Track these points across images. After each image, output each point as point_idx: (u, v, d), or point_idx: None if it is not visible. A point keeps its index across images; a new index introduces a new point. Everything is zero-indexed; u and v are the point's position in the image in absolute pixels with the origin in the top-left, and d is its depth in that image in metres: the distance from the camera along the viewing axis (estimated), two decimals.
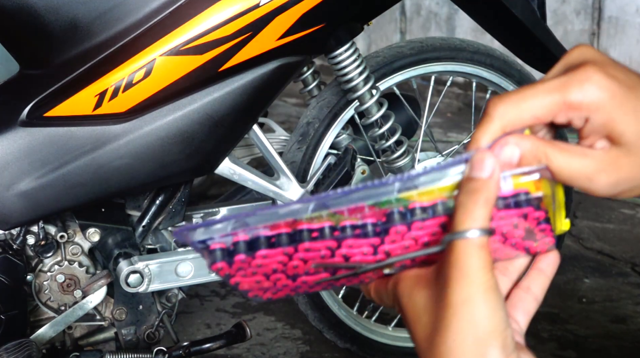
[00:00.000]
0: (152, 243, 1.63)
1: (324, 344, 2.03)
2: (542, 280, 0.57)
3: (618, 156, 0.51)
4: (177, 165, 1.49)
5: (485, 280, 0.48)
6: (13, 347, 1.43)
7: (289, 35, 1.46)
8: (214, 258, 0.50)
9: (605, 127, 0.51)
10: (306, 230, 0.50)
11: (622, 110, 0.50)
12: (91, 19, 1.43)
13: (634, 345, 2.04)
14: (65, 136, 1.43)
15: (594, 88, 0.50)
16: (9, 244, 1.49)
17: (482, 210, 0.50)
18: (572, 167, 0.51)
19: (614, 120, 0.51)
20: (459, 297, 0.48)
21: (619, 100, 0.50)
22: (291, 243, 0.50)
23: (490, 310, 0.48)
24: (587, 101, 0.50)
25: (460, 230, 0.49)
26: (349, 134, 1.88)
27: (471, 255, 0.49)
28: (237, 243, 0.50)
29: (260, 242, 0.50)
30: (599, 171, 0.51)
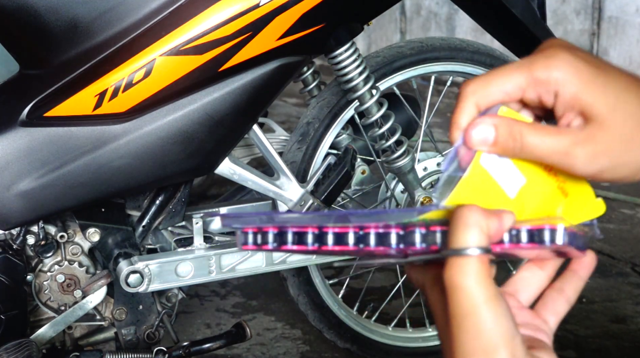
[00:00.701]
0: (152, 243, 1.63)
1: (324, 344, 2.03)
2: (575, 283, 0.58)
3: (592, 130, 0.51)
4: (177, 165, 1.49)
5: (484, 291, 0.48)
6: (13, 347, 1.43)
7: (289, 35, 1.46)
8: (245, 240, 0.54)
9: (575, 101, 0.52)
10: (332, 232, 0.52)
11: (589, 84, 0.51)
12: (91, 19, 1.43)
13: (634, 345, 2.04)
14: (65, 136, 1.43)
15: (560, 63, 0.51)
16: (9, 244, 1.49)
17: (476, 230, 0.49)
18: (546, 144, 0.51)
19: (582, 93, 0.51)
20: (461, 310, 0.49)
21: (585, 75, 0.51)
22: (315, 243, 0.52)
23: (493, 321, 0.48)
24: (553, 75, 0.51)
25: (456, 247, 0.49)
26: (349, 134, 1.88)
27: (467, 273, 0.49)
28: (266, 233, 0.53)
29: (287, 235, 0.52)
30: (574, 145, 0.51)
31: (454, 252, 0.49)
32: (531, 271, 0.59)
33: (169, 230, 1.64)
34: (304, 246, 0.52)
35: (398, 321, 1.96)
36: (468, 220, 0.50)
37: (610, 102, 0.51)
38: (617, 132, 0.51)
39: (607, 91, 0.51)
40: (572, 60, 0.52)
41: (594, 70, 0.52)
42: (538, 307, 0.58)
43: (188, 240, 1.63)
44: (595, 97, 0.51)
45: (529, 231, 0.52)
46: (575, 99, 0.52)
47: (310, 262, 1.73)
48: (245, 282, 2.38)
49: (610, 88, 0.52)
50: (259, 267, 1.64)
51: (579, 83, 0.51)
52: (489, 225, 0.50)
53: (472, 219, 0.50)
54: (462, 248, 0.49)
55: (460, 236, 0.49)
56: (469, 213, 0.50)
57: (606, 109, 0.51)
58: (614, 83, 0.52)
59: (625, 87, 0.52)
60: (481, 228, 0.49)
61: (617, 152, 0.51)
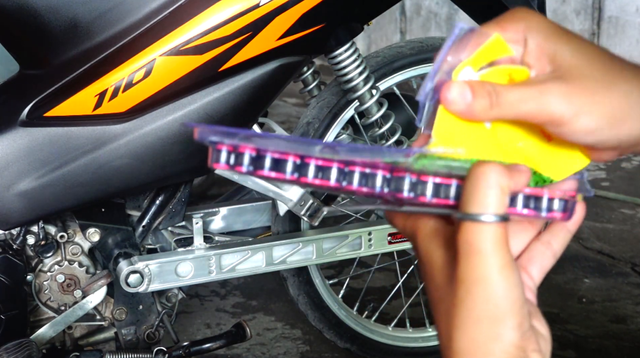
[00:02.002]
0: (152, 243, 1.63)
1: (324, 344, 2.03)
2: (563, 235, 0.56)
3: (561, 72, 0.51)
4: (177, 165, 1.49)
5: (500, 259, 0.47)
6: (13, 347, 1.43)
7: (289, 35, 1.46)
8: (217, 157, 0.50)
9: (541, 50, 0.52)
10: (314, 164, 0.48)
11: (552, 35, 0.52)
12: (91, 19, 1.43)
13: (634, 345, 2.04)
14: (65, 136, 1.43)
15: (525, 16, 0.53)
16: (9, 244, 1.49)
17: (493, 192, 0.47)
18: (521, 92, 0.51)
19: (547, 41, 0.52)
20: (472, 275, 0.47)
21: (547, 27, 0.53)
22: (294, 172, 0.48)
23: (505, 290, 0.47)
24: (520, 26, 0.53)
25: (472, 212, 0.47)
26: (349, 134, 1.88)
27: (485, 239, 0.47)
28: (242, 154, 0.48)
29: (265, 160, 0.48)
30: (546, 85, 0.51)
31: (471, 217, 0.47)
32: (521, 224, 0.57)
33: (169, 230, 1.64)
34: (281, 174, 0.48)
35: (398, 321, 1.96)
36: (489, 180, 0.47)
37: (574, 48, 0.52)
38: (585, 73, 0.51)
39: (570, 40, 0.52)
40: (535, 15, 0.53)
41: (554, 25, 0.53)
42: (523, 260, 0.56)
43: (188, 240, 1.63)
44: (560, 44, 0.52)
45: (526, 197, 0.50)
46: (541, 47, 0.52)
47: (311, 262, 1.73)
48: (245, 282, 2.38)
49: (572, 38, 0.53)
50: (259, 267, 1.64)
51: (543, 33, 0.52)
52: (510, 184, 0.48)
53: (493, 180, 0.47)
54: (481, 213, 0.47)
55: (481, 199, 0.47)
56: (491, 172, 0.47)
57: (570, 54, 0.52)
58: (574, 37, 0.53)
59: (585, 42, 0.53)
60: (503, 191, 0.47)
61: (591, 90, 0.51)
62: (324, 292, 1.87)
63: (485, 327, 0.47)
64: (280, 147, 0.48)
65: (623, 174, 3.37)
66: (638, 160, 3.51)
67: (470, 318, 0.47)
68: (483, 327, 0.47)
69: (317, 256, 1.70)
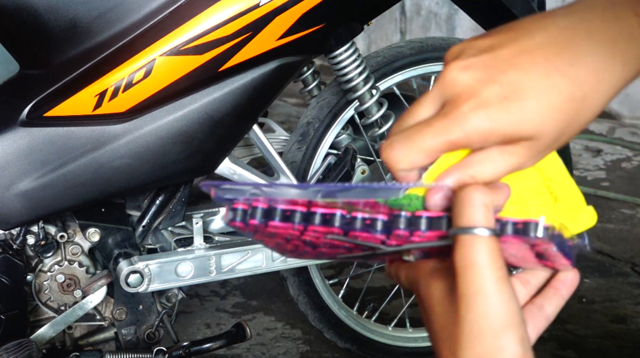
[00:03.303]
0: (152, 243, 1.63)
1: (324, 344, 2.03)
2: (556, 300, 0.58)
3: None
4: (177, 165, 1.49)
5: (495, 272, 0.48)
6: (13, 347, 1.43)
7: (289, 35, 1.46)
8: (234, 216, 0.53)
9: (495, 136, 0.51)
10: (320, 213, 0.51)
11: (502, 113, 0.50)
12: (91, 19, 1.43)
13: (634, 345, 2.04)
14: (65, 136, 1.43)
15: (474, 125, 0.50)
16: (9, 244, 1.49)
17: (481, 211, 0.50)
18: (496, 161, 0.51)
19: (495, 126, 0.50)
20: (471, 289, 0.48)
21: (503, 109, 0.50)
22: (302, 221, 0.51)
23: (503, 302, 0.48)
24: (471, 137, 0.51)
25: (465, 226, 0.49)
26: (349, 134, 1.88)
27: (480, 250, 0.49)
28: (255, 208, 0.52)
29: (276, 212, 0.52)
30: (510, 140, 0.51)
31: (464, 231, 0.49)
32: (514, 286, 0.57)
33: (169, 230, 1.64)
34: (290, 223, 0.51)
35: (398, 321, 1.96)
36: (474, 199, 0.50)
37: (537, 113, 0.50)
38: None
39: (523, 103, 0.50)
40: (484, 117, 0.50)
41: (501, 93, 0.50)
42: None
43: (188, 240, 1.63)
44: (516, 121, 0.50)
45: (514, 224, 0.51)
46: (505, 137, 0.51)
47: (311, 262, 1.73)
48: (245, 282, 2.38)
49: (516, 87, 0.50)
50: (259, 267, 1.64)
51: (489, 119, 0.50)
52: (494, 200, 0.51)
53: (477, 198, 0.50)
54: (472, 226, 0.49)
55: (468, 215, 0.50)
56: (475, 192, 0.50)
57: (535, 121, 0.50)
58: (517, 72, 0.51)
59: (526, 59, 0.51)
60: (487, 207, 0.50)
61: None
62: (324, 292, 1.87)
63: (488, 340, 0.48)
64: (287, 196, 0.51)
65: (623, 173, 3.37)
66: (638, 160, 3.51)
67: (473, 333, 0.48)
68: (486, 341, 0.48)
69: None
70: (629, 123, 3.94)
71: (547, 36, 0.51)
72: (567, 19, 0.52)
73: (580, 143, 3.68)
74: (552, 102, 0.50)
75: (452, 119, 0.51)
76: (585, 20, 0.51)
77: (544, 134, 0.50)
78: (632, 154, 3.59)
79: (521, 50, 0.51)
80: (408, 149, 0.52)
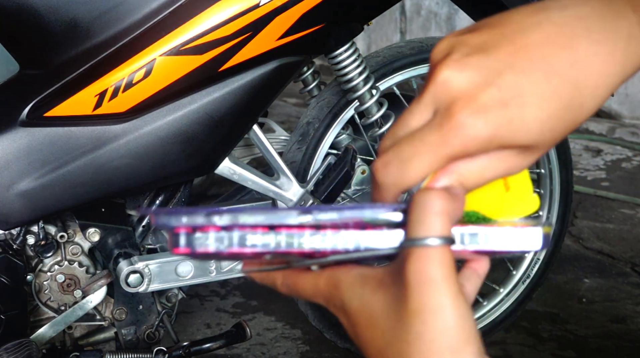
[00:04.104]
0: (152, 243, 1.63)
1: (324, 344, 2.03)
2: (475, 280, 0.54)
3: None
4: (177, 165, 1.49)
5: (451, 286, 0.45)
6: (13, 347, 1.43)
7: (289, 35, 1.46)
8: (176, 242, 0.47)
9: (503, 142, 0.48)
10: (285, 233, 0.47)
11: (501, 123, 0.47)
12: (91, 19, 1.43)
13: (634, 345, 2.04)
14: (65, 136, 1.43)
15: (472, 134, 0.47)
16: (9, 244, 1.49)
17: (438, 217, 0.46)
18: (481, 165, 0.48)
19: (500, 134, 0.47)
20: (427, 306, 0.45)
21: (503, 116, 0.47)
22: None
23: (462, 318, 0.45)
24: (469, 147, 0.47)
25: (417, 236, 0.45)
26: (349, 134, 1.88)
27: (434, 264, 0.45)
28: (206, 234, 0.47)
29: (232, 237, 0.47)
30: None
31: (419, 242, 0.45)
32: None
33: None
34: (245, 248, 0.47)
35: None
36: (433, 206, 0.46)
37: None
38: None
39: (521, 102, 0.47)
40: (481, 122, 0.47)
41: (500, 96, 0.47)
42: None
43: None
44: (516, 130, 0.47)
45: (501, 233, 0.48)
46: (505, 146, 0.48)
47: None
48: (245, 282, 2.38)
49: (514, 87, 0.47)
50: None
51: (489, 128, 0.47)
52: (454, 208, 0.47)
53: (437, 205, 0.46)
54: (427, 237, 0.45)
55: (428, 223, 0.45)
56: (435, 197, 0.46)
57: (535, 131, 0.47)
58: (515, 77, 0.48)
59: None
60: (448, 215, 0.46)
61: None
62: None
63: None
64: (249, 221, 0.46)
65: (623, 173, 3.37)
66: (638, 160, 3.51)
67: (431, 351, 0.45)
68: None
69: None
70: (629, 123, 3.94)
71: (542, 34, 0.48)
72: (561, 14, 0.49)
73: (580, 143, 3.68)
74: (553, 110, 0.47)
75: (448, 131, 0.47)
76: (582, 17, 0.48)
77: (542, 143, 0.48)
78: (632, 154, 3.59)
79: (517, 50, 0.48)
80: (404, 171, 0.48)
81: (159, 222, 0.46)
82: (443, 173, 0.49)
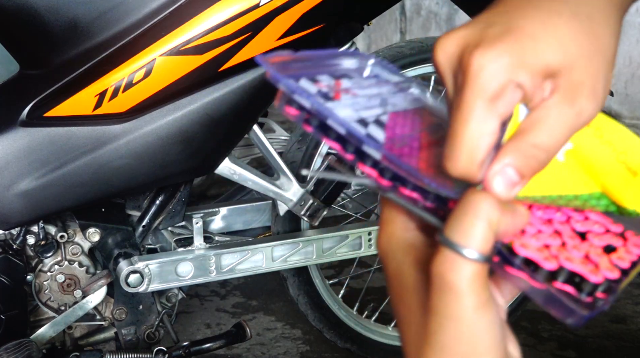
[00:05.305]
0: (152, 243, 1.63)
1: (324, 344, 2.03)
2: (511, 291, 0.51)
3: (566, 77, 0.45)
4: (177, 165, 1.49)
5: (475, 298, 0.42)
6: (13, 347, 1.43)
7: (289, 35, 1.46)
8: (289, 102, 0.46)
9: (529, 81, 0.45)
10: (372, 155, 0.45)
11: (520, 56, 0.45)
12: (91, 19, 1.43)
13: (633, 345, 2.04)
14: (65, 136, 1.43)
15: (489, 70, 0.44)
16: (9, 244, 1.49)
17: (481, 227, 0.42)
18: (558, 128, 0.45)
19: (520, 71, 0.45)
20: (445, 312, 0.43)
21: (511, 41, 0.44)
22: (355, 153, 0.45)
23: (481, 330, 0.43)
24: (494, 87, 0.44)
25: (455, 241, 0.42)
26: None
27: (461, 277, 0.42)
28: (312, 117, 0.46)
29: (331, 132, 0.46)
30: (571, 103, 0.45)
31: (452, 246, 0.42)
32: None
33: (169, 230, 1.64)
34: (342, 149, 0.45)
35: None
36: (478, 210, 0.42)
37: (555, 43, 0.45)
38: (579, 49, 0.45)
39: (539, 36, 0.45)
40: (501, 63, 0.44)
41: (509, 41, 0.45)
42: (494, 277, 0.50)
43: (188, 240, 1.63)
44: (531, 49, 0.45)
45: (571, 273, 0.45)
46: (532, 70, 0.45)
47: (311, 262, 1.73)
48: (245, 282, 2.38)
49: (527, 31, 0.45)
50: (259, 267, 1.64)
51: (509, 67, 0.44)
52: (501, 221, 0.43)
53: (482, 210, 0.42)
54: (462, 244, 0.42)
55: (465, 227, 0.42)
56: (481, 201, 0.43)
57: (555, 51, 0.45)
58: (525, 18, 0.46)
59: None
60: (490, 224, 0.42)
61: (601, 60, 0.46)
62: (324, 292, 1.87)
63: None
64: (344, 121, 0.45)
65: None
66: None
67: (444, 353, 0.44)
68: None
69: (317, 256, 1.70)
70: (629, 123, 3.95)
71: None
72: None
73: None
74: (558, 23, 0.45)
75: (471, 81, 0.44)
76: None
77: (571, 55, 0.45)
78: None
79: (508, 9, 0.47)
80: (463, 144, 0.44)
81: (274, 76, 0.46)
82: (511, 142, 0.45)
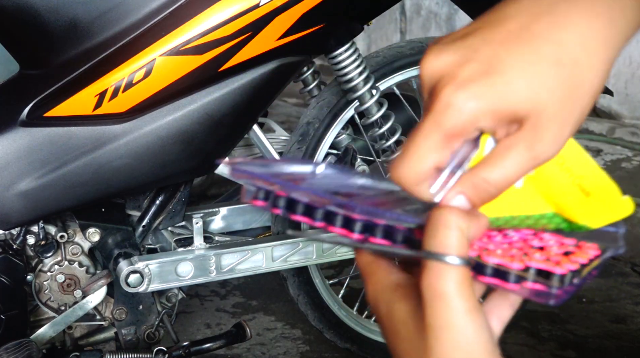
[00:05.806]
0: (152, 243, 1.63)
1: (324, 344, 2.03)
2: (506, 310, 0.55)
3: (532, 120, 0.47)
4: (177, 165, 1.49)
5: (464, 303, 0.46)
6: (13, 347, 1.43)
7: (289, 35, 1.46)
8: (256, 195, 0.51)
9: (499, 117, 0.48)
10: (340, 215, 0.49)
11: (495, 95, 0.47)
12: (91, 19, 1.43)
13: (633, 345, 2.04)
14: (65, 136, 1.43)
15: (459, 108, 0.47)
16: (9, 244, 1.49)
17: (452, 233, 0.46)
18: (511, 168, 0.47)
19: (496, 109, 0.47)
20: (439, 322, 0.46)
21: (485, 84, 0.47)
22: (324, 220, 0.49)
23: (473, 334, 0.46)
24: (463, 123, 0.47)
25: (437, 250, 0.46)
26: (349, 134, 1.88)
27: (449, 280, 0.46)
28: (278, 198, 0.50)
29: (298, 206, 0.50)
30: (532, 146, 0.47)
31: (435, 256, 0.46)
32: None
33: (169, 230, 1.64)
34: (311, 220, 0.49)
35: None
36: (448, 221, 0.46)
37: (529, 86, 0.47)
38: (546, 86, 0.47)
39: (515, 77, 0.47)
40: (471, 95, 0.46)
41: (484, 69, 0.47)
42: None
43: (188, 240, 1.63)
44: (503, 94, 0.46)
45: (537, 271, 0.47)
46: (498, 116, 0.47)
47: (311, 262, 1.73)
48: (245, 282, 2.38)
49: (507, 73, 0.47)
50: (259, 267, 1.64)
51: (486, 106, 0.47)
52: (469, 226, 0.47)
53: (451, 220, 0.46)
54: (443, 253, 0.46)
55: (440, 239, 0.46)
56: (448, 213, 0.47)
57: (528, 97, 0.47)
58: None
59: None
60: (462, 231, 0.46)
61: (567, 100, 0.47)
62: (324, 292, 1.87)
63: None
64: (310, 193, 0.50)
65: (623, 173, 3.37)
66: (638, 160, 3.51)
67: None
68: None
69: (317, 256, 1.70)
70: (629, 123, 3.94)
71: (520, 6, 0.48)
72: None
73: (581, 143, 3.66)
74: (538, 69, 0.46)
75: (437, 112, 0.47)
76: None
77: (541, 104, 0.47)
78: (632, 154, 3.59)
79: (493, 26, 0.48)
80: (408, 161, 0.48)
81: (236, 171, 0.51)
82: (467, 175, 0.48)
